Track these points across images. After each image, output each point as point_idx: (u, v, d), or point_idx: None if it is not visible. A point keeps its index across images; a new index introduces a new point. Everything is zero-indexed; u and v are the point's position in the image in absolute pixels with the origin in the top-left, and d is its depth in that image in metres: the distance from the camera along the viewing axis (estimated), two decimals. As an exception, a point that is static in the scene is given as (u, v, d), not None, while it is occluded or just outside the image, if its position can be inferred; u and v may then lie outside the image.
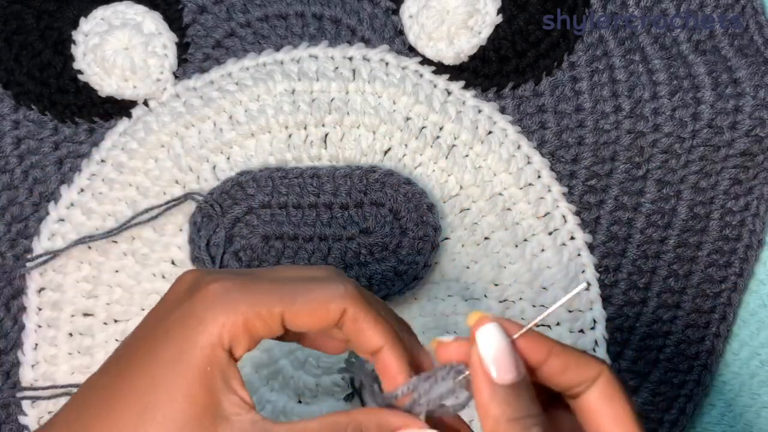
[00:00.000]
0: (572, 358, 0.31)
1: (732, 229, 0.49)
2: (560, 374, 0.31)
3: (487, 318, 0.30)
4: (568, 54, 0.50)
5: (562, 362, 0.30)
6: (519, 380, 0.30)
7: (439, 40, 0.48)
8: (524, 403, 0.30)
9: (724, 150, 0.48)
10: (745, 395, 0.49)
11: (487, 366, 0.30)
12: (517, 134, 0.49)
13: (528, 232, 0.48)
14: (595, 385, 0.30)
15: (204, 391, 0.29)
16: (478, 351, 0.30)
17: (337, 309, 0.31)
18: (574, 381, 0.31)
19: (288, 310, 0.30)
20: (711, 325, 0.49)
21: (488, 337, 0.30)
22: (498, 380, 0.29)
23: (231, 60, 0.49)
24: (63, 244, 0.48)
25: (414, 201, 0.46)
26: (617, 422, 0.30)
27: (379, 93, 0.49)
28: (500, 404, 0.29)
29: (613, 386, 0.30)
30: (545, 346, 0.30)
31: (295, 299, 0.30)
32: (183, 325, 0.30)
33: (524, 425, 0.29)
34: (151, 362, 0.30)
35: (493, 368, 0.30)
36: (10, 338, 0.48)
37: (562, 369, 0.30)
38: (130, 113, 0.49)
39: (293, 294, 0.31)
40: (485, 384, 0.30)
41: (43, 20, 0.49)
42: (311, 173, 0.47)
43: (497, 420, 0.29)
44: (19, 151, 0.49)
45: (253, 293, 0.30)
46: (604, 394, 0.30)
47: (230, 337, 0.30)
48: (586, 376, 0.30)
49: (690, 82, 0.48)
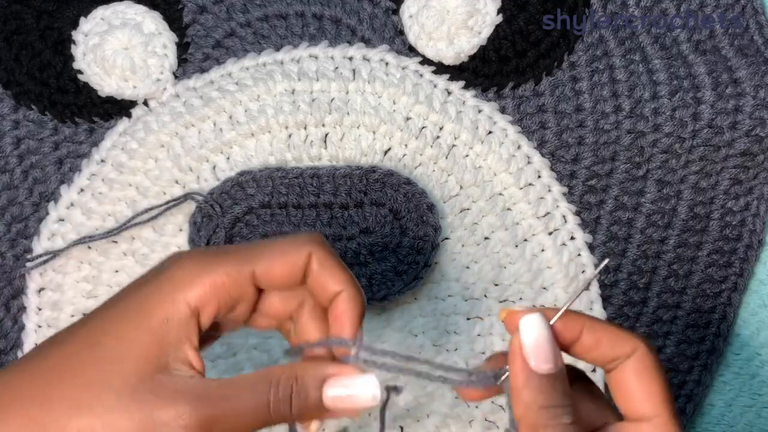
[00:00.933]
0: (606, 333, 0.31)
1: (732, 229, 0.49)
2: (593, 349, 0.31)
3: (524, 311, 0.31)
4: (568, 54, 0.50)
5: (595, 337, 0.31)
6: (555, 372, 0.30)
7: (439, 40, 0.48)
8: (557, 394, 0.30)
9: (725, 150, 0.48)
10: (746, 395, 0.49)
11: (527, 354, 0.30)
12: (517, 134, 0.49)
13: (528, 232, 0.48)
14: (629, 360, 0.31)
15: (153, 343, 0.30)
16: (520, 338, 0.31)
17: (304, 252, 0.32)
18: (608, 356, 0.31)
19: (258, 266, 0.31)
20: (711, 325, 0.49)
21: (531, 326, 0.31)
22: (535, 368, 0.30)
23: (231, 60, 0.49)
24: (63, 244, 0.48)
25: (414, 201, 0.46)
26: (648, 399, 0.30)
27: (379, 93, 0.49)
28: (533, 391, 0.30)
29: (648, 363, 0.31)
30: (578, 323, 0.31)
31: (263, 255, 0.31)
32: (150, 284, 0.31)
33: (554, 414, 0.30)
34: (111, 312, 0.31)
35: (531, 356, 0.30)
36: (10, 338, 0.48)
37: (595, 344, 0.31)
38: (130, 113, 0.49)
39: (260, 251, 0.32)
40: (522, 371, 0.30)
41: (43, 20, 0.49)
42: (311, 173, 0.47)
43: (529, 406, 0.30)
44: (19, 151, 0.49)
45: (223, 256, 0.31)
46: (638, 370, 0.31)
47: (197, 297, 0.30)
48: (620, 351, 0.31)
49: (690, 82, 0.48)
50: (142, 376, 0.29)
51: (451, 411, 0.46)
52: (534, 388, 0.30)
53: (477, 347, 0.47)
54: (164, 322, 0.30)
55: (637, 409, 0.31)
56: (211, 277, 0.30)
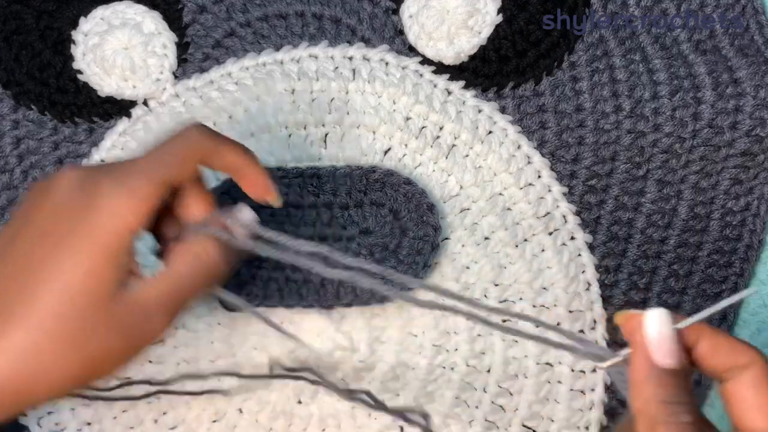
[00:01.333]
0: (724, 342, 0.31)
1: (732, 229, 0.49)
2: (710, 357, 0.31)
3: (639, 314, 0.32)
4: (569, 54, 0.49)
5: (712, 345, 0.31)
6: (678, 368, 0.30)
7: (439, 39, 0.48)
8: (679, 390, 0.30)
9: (725, 150, 0.48)
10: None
11: (651, 346, 0.31)
12: (518, 134, 0.49)
13: (528, 232, 0.48)
14: (746, 372, 0.30)
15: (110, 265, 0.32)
16: (644, 331, 0.31)
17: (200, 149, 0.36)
18: (724, 365, 0.31)
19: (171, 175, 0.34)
20: (711, 325, 0.49)
21: (656, 321, 0.31)
22: (658, 362, 0.30)
23: (231, 60, 0.49)
24: (62, 244, 0.48)
25: (414, 201, 0.46)
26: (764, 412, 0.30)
27: (379, 93, 0.48)
28: (654, 385, 0.30)
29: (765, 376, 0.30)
30: (696, 330, 0.31)
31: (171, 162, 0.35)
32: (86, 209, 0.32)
33: (674, 410, 0.30)
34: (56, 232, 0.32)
35: (655, 350, 0.30)
36: (9, 338, 0.48)
37: (712, 352, 0.31)
38: (130, 113, 0.49)
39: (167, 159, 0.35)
40: (644, 364, 0.30)
41: (43, 20, 0.49)
42: (311, 173, 0.47)
43: (649, 400, 0.30)
44: (18, 151, 0.49)
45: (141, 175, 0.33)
46: (755, 382, 0.30)
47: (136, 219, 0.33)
48: (736, 362, 0.31)
49: (690, 82, 0.48)
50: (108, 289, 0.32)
51: (450, 411, 0.46)
52: (655, 382, 0.30)
53: (477, 347, 0.47)
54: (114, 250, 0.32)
55: (751, 422, 0.30)
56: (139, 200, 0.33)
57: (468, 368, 0.47)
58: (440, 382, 0.46)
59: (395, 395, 0.46)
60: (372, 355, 0.46)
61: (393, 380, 0.46)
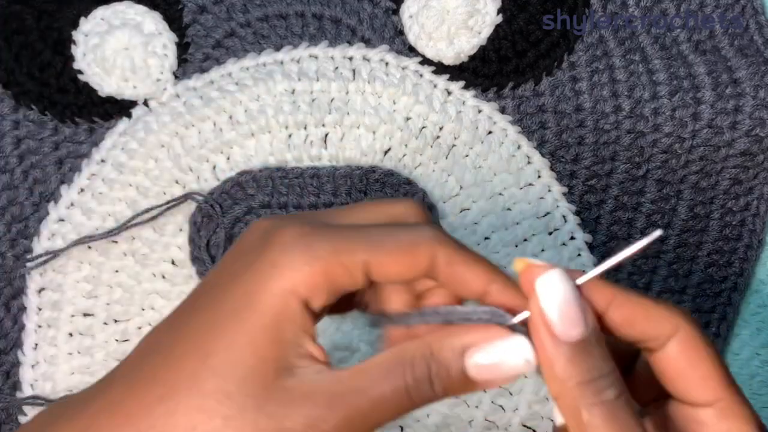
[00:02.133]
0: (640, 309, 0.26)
1: (732, 229, 0.49)
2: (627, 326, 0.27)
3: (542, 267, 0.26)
4: (568, 54, 0.49)
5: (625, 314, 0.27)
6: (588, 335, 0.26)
7: (439, 40, 0.48)
8: (595, 362, 0.26)
9: (724, 150, 0.48)
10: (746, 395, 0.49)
11: (551, 320, 0.26)
12: (517, 134, 0.49)
13: (528, 232, 0.48)
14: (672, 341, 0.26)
15: (269, 342, 0.26)
16: (539, 303, 0.26)
17: (426, 253, 0.27)
18: (643, 336, 0.27)
19: (373, 258, 0.27)
20: (711, 324, 0.49)
21: (551, 287, 0.26)
22: (563, 336, 0.26)
23: (231, 60, 0.49)
24: (63, 244, 0.48)
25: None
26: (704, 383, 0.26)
27: (379, 93, 0.48)
28: (566, 364, 0.26)
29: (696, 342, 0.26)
30: (607, 293, 0.27)
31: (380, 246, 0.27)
32: (254, 271, 0.27)
33: (596, 388, 0.26)
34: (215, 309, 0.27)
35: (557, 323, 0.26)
36: (10, 338, 0.48)
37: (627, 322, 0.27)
38: (130, 113, 0.49)
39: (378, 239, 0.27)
40: (548, 341, 0.26)
41: (43, 20, 0.49)
42: (311, 173, 0.47)
43: (563, 383, 0.26)
44: (19, 151, 0.49)
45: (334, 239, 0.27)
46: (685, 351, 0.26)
47: (307, 287, 0.26)
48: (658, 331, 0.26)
49: (690, 82, 0.48)
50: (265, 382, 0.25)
51: (451, 411, 0.46)
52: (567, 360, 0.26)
53: (477, 347, 0.47)
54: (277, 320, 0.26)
55: (693, 396, 0.27)
56: (321, 265, 0.26)
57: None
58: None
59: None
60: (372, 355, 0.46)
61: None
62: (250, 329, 0.26)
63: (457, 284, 0.28)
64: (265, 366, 0.26)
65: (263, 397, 0.25)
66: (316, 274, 0.26)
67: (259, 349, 0.26)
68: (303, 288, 0.26)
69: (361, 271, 0.27)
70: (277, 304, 0.26)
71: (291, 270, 0.26)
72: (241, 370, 0.25)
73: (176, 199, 0.47)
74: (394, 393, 0.26)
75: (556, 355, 0.26)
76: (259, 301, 0.26)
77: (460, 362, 0.26)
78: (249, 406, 0.25)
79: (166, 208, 0.47)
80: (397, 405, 0.26)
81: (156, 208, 0.47)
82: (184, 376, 0.26)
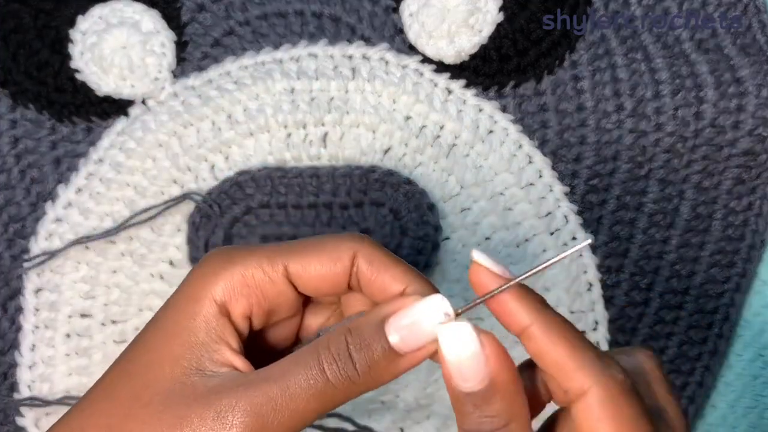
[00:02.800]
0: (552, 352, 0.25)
1: (735, 229, 0.49)
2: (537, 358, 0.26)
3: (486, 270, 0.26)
4: (570, 52, 0.49)
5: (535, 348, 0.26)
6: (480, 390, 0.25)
7: (439, 38, 0.48)
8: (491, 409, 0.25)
9: (727, 149, 0.48)
10: (748, 397, 0.49)
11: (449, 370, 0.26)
12: (519, 133, 0.48)
13: (529, 232, 0.48)
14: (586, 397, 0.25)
15: (181, 345, 0.27)
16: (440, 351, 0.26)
17: (346, 252, 0.28)
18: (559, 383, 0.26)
19: (290, 263, 0.27)
20: (714, 325, 0.48)
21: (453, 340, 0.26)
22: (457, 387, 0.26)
23: (230, 59, 0.49)
24: (60, 244, 0.48)
25: (414, 201, 0.46)
26: None
27: (379, 92, 0.48)
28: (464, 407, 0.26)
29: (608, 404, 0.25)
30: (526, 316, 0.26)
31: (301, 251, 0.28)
32: (180, 287, 0.28)
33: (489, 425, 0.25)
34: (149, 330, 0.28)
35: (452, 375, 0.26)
36: (7, 339, 0.48)
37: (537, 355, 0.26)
38: (128, 112, 0.49)
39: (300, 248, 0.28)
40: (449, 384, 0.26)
41: (41, 19, 0.49)
42: (310, 173, 0.46)
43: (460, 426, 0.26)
44: (16, 151, 0.49)
45: (255, 248, 0.28)
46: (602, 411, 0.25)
47: (224, 290, 0.27)
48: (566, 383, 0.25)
49: (692, 81, 0.48)
50: (172, 381, 0.26)
51: (451, 413, 0.46)
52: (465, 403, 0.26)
53: (478, 348, 0.47)
54: (191, 321, 0.27)
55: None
56: (237, 269, 0.27)
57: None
58: (441, 382, 0.46)
59: (395, 396, 0.46)
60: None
61: (393, 382, 0.46)
62: (166, 334, 0.27)
63: (376, 288, 0.28)
64: (175, 366, 0.26)
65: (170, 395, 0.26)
66: (233, 278, 0.27)
67: (170, 350, 0.27)
68: (219, 292, 0.27)
69: (283, 277, 0.27)
70: (191, 307, 0.27)
71: (206, 277, 0.27)
72: (151, 372, 0.26)
73: (174, 199, 0.47)
74: (309, 376, 0.26)
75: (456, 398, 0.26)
76: (176, 305, 0.27)
77: (380, 333, 0.26)
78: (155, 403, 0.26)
79: (164, 208, 0.47)
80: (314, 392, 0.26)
81: (154, 208, 0.47)
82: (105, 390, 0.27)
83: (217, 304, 0.27)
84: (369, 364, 0.26)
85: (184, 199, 0.47)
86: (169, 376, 0.26)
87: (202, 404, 0.26)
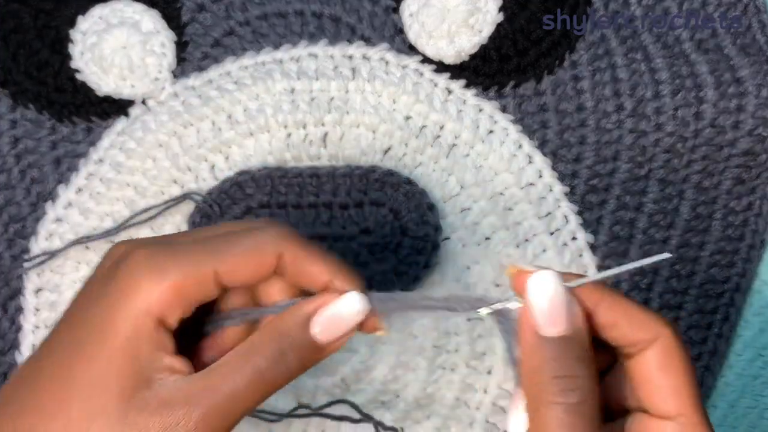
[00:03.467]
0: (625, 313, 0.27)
1: (735, 229, 0.49)
2: (610, 328, 0.28)
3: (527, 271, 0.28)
4: (570, 53, 0.49)
5: (610, 316, 0.27)
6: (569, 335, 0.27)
7: (439, 38, 0.48)
8: (569, 362, 0.27)
9: (727, 149, 0.48)
10: (748, 397, 0.49)
11: (535, 315, 0.27)
12: (519, 133, 0.48)
13: (529, 233, 0.48)
14: (651, 348, 0.27)
15: (127, 361, 0.28)
16: (528, 299, 0.28)
17: (272, 252, 0.29)
18: (626, 338, 0.27)
19: (220, 267, 0.29)
20: (713, 326, 0.48)
21: (542, 284, 0.28)
22: (543, 332, 0.27)
23: (230, 59, 0.49)
24: (61, 244, 0.48)
25: (414, 201, 0.46)
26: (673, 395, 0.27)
27: (379, 92, 0.48)
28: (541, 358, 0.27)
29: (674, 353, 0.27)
30: (595, 295, 0.28)
31: (225, 253, 0.29)
32: (108, 296, 0.29)
33: (561, 388, 0.26)
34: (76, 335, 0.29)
35: (540, 318, 0.27)
36: (7, 339, 0.48)
37: (611, 324, 0.28)
38: (128, 112, 0.49)
39: (223, 248, 0.29)
40: (529, 334, 0.27)
41: (41, 19, 0.49)
42: (310, 173, 0.46)
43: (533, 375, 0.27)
44: (16, 151, 0.49)
45: (181, 257, 0.29)
46: (661, 360, 0.27)
47: (160, 306, 0.28)
48: (640, 336, 0.27)
49: (692, 81, 0.48)
50: (125, 397, 0.27)
51: (451, 413, 0.46)
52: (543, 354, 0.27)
53: (478, 348, 0.47)
54: (132, 339, 0.28)
55: (659, 406, 0.27)
56: (170, 285, 0.28)
57: (468, 369, 0.46)
58: (441, 383, 0.46)
59: (395, 396, 0.46)
60: (372, 356, 0.46)
61: (393, 381, 0.46)
62: (108, 351, 0.28)
63: (303, 279, 0.30)
64: (124, 382, 0.28)
65: (124, 410, 0.27)
66: (167, 293, 0.28)
67: (118, 368, 0.28)
68: (156, 308, 0.28)
69: (212, 280, 0.29)
70: (131, 327, 0.28)
71: (142, 293, 0.28)
72: (101, 389, 0.27)
73: (174, 199, 0.47)
74: (249, 383, 0.28)
75: (534, 348, 0.27)
76: (114, 325, 0.28)
77: (306, 330, 0.29)
78: (112, 421, 0.27)
79: (164, 208, 0.47)
80: (255, 391, 0.28)
81: (154, 208, 0.47)
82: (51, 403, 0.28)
83: (153, 319, 0.28)
84: (300, 359, 0.29)
85: (184, 199, 0.47)
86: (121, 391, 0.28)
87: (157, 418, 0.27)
